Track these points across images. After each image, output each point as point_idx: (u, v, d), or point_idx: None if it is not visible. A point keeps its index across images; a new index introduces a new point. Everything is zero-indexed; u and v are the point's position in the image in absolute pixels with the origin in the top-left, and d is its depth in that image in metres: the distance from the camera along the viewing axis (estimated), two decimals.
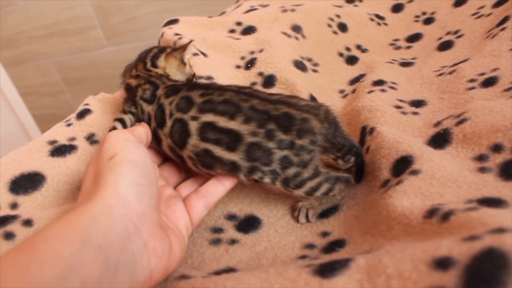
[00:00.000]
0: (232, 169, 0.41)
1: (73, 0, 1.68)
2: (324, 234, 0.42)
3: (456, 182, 0.36)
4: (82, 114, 0.59)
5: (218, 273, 0.38)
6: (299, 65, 0.65)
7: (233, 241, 0.43)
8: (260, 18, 0.77)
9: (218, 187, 0.44)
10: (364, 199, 0.43)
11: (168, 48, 0.53)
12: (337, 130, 0.43)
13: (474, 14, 0.70)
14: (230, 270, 0.38)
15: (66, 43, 1.84)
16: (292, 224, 0.44)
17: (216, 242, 0.42)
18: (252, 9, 0.84)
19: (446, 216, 0.30)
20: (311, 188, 0.42)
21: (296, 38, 0.71)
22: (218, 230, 0.44)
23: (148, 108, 0.46)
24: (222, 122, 0.40)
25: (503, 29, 0.58)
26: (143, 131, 0.43)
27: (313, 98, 0.60)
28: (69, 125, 0.56)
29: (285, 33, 0.71)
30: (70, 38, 1.82)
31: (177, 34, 0.77)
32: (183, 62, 0.52)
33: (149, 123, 0.46)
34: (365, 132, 0.49)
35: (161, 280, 0.35)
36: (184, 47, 0.52)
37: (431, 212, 0.32)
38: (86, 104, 0.62)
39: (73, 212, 0.30)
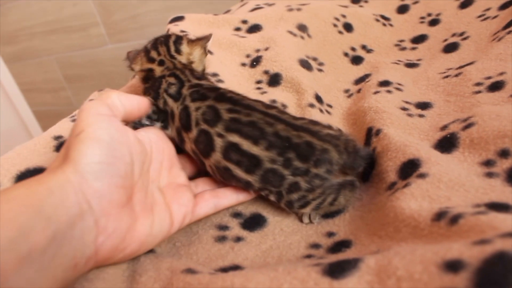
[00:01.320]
0: (245, 185, 0.43)
1: None
2: (330, 234, 0.42)
3: (464, 186, 0.35)
4: None
5: (224, 270, 0.38)
6: (305, 64, 0.65)
7: (238, 239, 0.42)
8: (266, 16, 0.77)
9: (233, 195, 0.45)
10: (370, 200, 0.43)
11: (185, 36, 0.53)
12: (356, 158, 0.43)
13: (480, 16, 0.70)
14: (236, 267, 0.38)
15: (68, 40, 1.84)
16: (297, 224, 0.44)
17: (222, 239, 0.42)
18: (258, 8, 0.84)
19: (455, 219, 0.30)
20: (316, 206, 0.42)
21: (302, 37, 0.71)
22: (223, 227, 0.44)
23: (173, 105, 0.46)
24: (246, 145, 0.41)
25: (509, 32, 0.58)
26: (116, 98, 0.41)
27: (318, 97, 0.60)
28: (74, 120, 0.56)
29: (290, 32, 0.71)
30: (72, 35, 1.82)
31: (183, 31, 0.77)
32: (205, 52, 0.52)
33: (172, 119, 0.46)
34: (371, 133, 0.49)
35: (112, 259, 0.36)
36: (207, 38, 0.52)
37: (440, 215, 0.32)
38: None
39: (36, 181, 0.32)
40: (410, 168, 0.40)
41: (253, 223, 0.45)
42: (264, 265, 0.38)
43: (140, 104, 0.43)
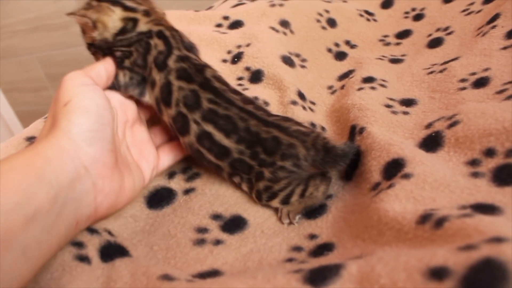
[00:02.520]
0: (216, 168, 0.46)
1: None
2: (312, 236, 0.40)
3: (449, 187, 0.34)
4: None
5: (202, 275, 0.36)
6: (287, 61, 0.64)
7: (217, 242, 0.41)
8: (248, 12, 0.75)
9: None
10: (354, 201, 0.42)
11: None
12: (327, 155, 0.42)
13: (464, 11, 0.69)
14: (214, 272, 0.37)
15: (50, 38, 1.80)
16: (278, 226, 0.43)
17: (200, 242, 0.41)
18: (240, 4, 0.83)
19: (440, 222, 0.29)
20: (284, 197, 0.43)
21: (284, 33, 0.70)
22: (202, 230, 0.42)
23: (156, 75, 0.45)
24: (218, 137, 0.43)
25: (493, 27, 0.57)
26: (102, 68, 0.44)
27: (301, 94, 0.58)
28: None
29: (273, 28, 0.69)
30: (53, 33, 1.78)
31: None
32: None
33: (152, 87, 0.46)
34: (355, 131, 0.48)
35: (108, 215, 0.41)
36: None
37: (424, 218, 0.30)
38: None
39: (32, 150, 0.35)
40: (394, 168, 0.39)
41: (233, 225, 0.43)
42: (244, 269, 0.37)
43: (110, 71, 0.45)
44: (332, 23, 0.74)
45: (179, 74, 0.44)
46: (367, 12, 0.80)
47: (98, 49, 0.47)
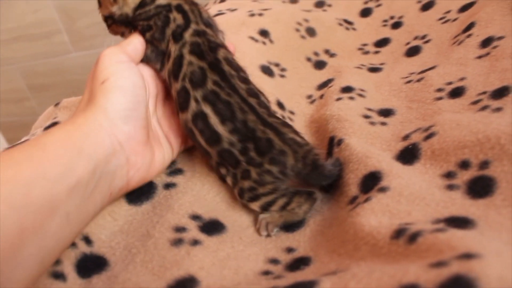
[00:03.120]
0: (205, 155, 0.46)
1: (37, 3, 1.62)
2: (289, 250, 0.40)
3: (424, 200, 0.35)
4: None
5: (178, 284, 0.36)
6: (266, 70, 0.63)
7: (195, 242, 0.40)
8: (227, 22, 0.75)
9: None
10: (331, 215, 0.42)
11: None
12: (314, 171, 0.42)
13: (440, 19, 0.70)
14: (191, 280, 0.36)
15: (31, 48, 1.78)
16: (256, 236, 0.43)
17: (178, 242, 0.40)
18: (220, 14, 0.82)
19: (414, 237, 0.29)
20: (265, 203, 0.42)
21: (264, 43, 0.70)
22: (180, 229, 0.42)
23: (172, 47, 0.45)
24: (213, 120, 0.42)
25: (469, 35, 0.58)
26: (138, 42, 0.46)
27: (280, 104, 0.58)
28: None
29: (252, 38, 0.69)
30: (34, 43, 1.76)
31: None
32: None
33: (167, 60, 0.46)
34: (333, 143, 0.48)
35: (138, 186, 0.44)
36: None
37: (399, 233, 0.30)
38: (55, 118, 0.59)
39: (73, 125, 0.38)
40: (371, 181, 0.39)
41: (212, 228, 0.43)
42: (221, 278, 0.36)
43: (144, 45, 0.46)
44: (311, 32, 0.74)
45: (192, 48, 0.45)
46: (346, 21, 0.80)
47: (118, 23, 0.49)
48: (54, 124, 0.57)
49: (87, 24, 1.61)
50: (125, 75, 0.41)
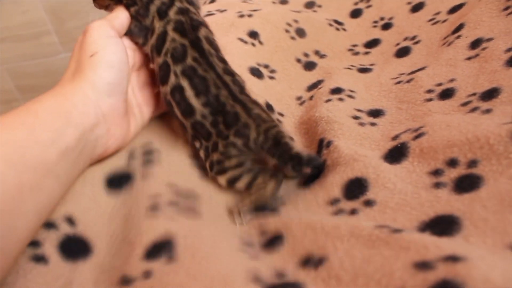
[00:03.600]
0: (181, 126, 0.47)
1: (25, 4, 1.60)
2: (263, 233, 0.40)
3: (410, 205, 0.35)
4: None
5: (156, 247, 0.35)
6: (255, 72, 0.63)
7: (172, 203, 0.40)
8: (217, 23, 0.74)
9: None
10: (306, 209, 0.42)
11: None
12: (277, 147, 0.42)
13: (430, 20, 0.70)
14: (168, 242, 0.35)
15: (19, 49, 1.76)
16: (232, 226, 0.43)
17: (154, 208, 0.40)
18: (209, 14, 0.82)
19: (398, 230, 0.28)
20: (232, 177, 0.44)
21: (253, 44, 0.69)
22: (157, 196, 0.41)
23: (156, 23, 0.47)
24: (188, 93, 0.45)
25: (458, 37, 0.58)
26: (125, 17, 0.48)
27: (269, 106, 0.58)
28: None
29: (241, 39, 0.69)
30: (23, 44, 1.73)
31: None
32: None
33: (150, 35, 0.48)
34: (322, 145, 0.47)
35: (114, 152, 0.45)
36: None
37: (383, 226, 0.30)
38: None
39: (61, 95, 0.40)
40: (357, 188, 0.39)
41: (188, 210, 0.42)
42: (198, 249, 0.35)
43: (128, 19, 0.49)
44: (301, 33, 0.74)
45: (175, 26, 0.47)
46: (336, 21, 0.80)
47: None
48: None
49: (77, 25, 1.59)
50: (113, 50, 0.44)
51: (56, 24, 1.63)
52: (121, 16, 0.48)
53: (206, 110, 0.44)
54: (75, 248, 0.38)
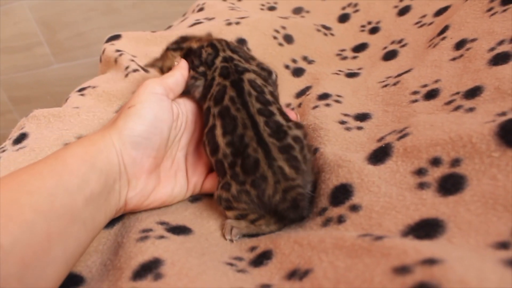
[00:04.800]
0: (211, 165, 0.46)
1: (16, 16, 1.60)
2: (252, 248, 0.40)
3: (395, 208, 0.35)
4: (19, 140, 0.56)
5: (143, 267, 0.35)
6: None
7: (161, 237, 0.40)
8: (205, 31, 0.74)
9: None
10: (298, 223, 0.42)
11: None
12: (294, 210, 0.40)
13: (417, 23, 0.70)
14: (155, 260, 0.36)
15: (12, 60, 1.76)
16: (222, 240, 0.43)
17: (144, 238, 0.40)
18: (197, 23, 0.82)
19: (380, 237, 0.28)
20: (238, 215, 0.43)
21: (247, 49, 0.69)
22: (147, 230, 0.42)
23: (208, 72, 0.49)
24: (218, 131, 0.43)
25: (443, 38, 0.58)
26: (179, 75, 0.49)
27: None
28: (3, 151, 0.54)
29: None
30: (15, 56, 1.74)
31: (118, 51, 0.74)
32: None
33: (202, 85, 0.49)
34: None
35: (136, 210, 0.45)
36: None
37: (366, 235, 0.30)
38: (22, 128, 0.59)
39: (89, 141, 0.41)
40: (342, 194, 0.39)
41: (178, 230, 0.43)
42: (186, 262, 0.35)
43: (186, 76, 0.50)
44: (289, 39, 0.74)
45: (221, 72, 0.48)
46: (324, 26, 0.80)
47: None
48: (22, 135, 0.56)
49: (68, 35, 1.60)
50: (151, 105, 0.44)
51: (47, 35, 1.63)
52: (175, 74, 0.49)
53: (228, 149, 0.42)
54: (68, 282, 0.39)
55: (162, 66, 0.57)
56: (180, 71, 0.50)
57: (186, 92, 0.50)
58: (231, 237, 0.42)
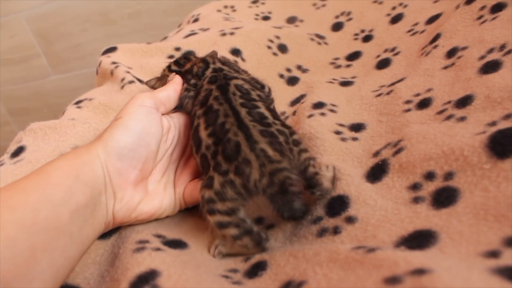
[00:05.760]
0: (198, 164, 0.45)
1: (13, 28, 1.61)
2: (247, 259, 0.41)
3: (390, 221, 0.35)
4: (17, 153, 0.57)
5: (140, 279, 0.36)
6: None
7: (157, 249, 0.40)
8: (199, 42, 0.76)
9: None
10: (293, 231, 0.42)
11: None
12: (282, 196, 0.37)
13: (409, 31, 0.71)
14: (152, 272, 0.36)
15: (10, 72, 1.77)
16: None
17: (140, 249, 0.40)
18: (192, 34, 0.83)
19: (373, 249, 0.29)
20: (220, 222, 0.39)
21: (236, 62, 0.70)
22: (143, 241, 0.42)
23: (198, 82, 0.51)
24: (201, 127, 0.43)
25: (435, 46, 0.59)
26: (172, 90, 0.50)
27: None
28: (2, 165, 0.55)
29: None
30: (13, 68, 1.74)
31: (114, 63, 0.75)
32: None
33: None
34: None
35: (124, 224, 0.44)
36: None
37: (360, 247, 0.31)
38: (19, 142, 0.59)
39: (74, 154, 0.41)
40: (338, 205, 0.40)
41: (174, 244, 0.43)
42: (182, 274, 0.36)
43: (179, 90, 0.51)
44: (283, 48, 0.75)
45: (210, 80, 0.49)
46: (318, 35, 0.81)
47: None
48: (20, 148, 0.57)
49: (65, 46, 1.60)
50: (138, 118, 0.44)
51: (44, 47, 1.64)
52: (167, 89, 0.49)
53: (210, 140, 0.41)
54: None
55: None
56: (173, 86, 0.50)
57: (180, 106, 0.50)
58: (213, 254, 0.42)
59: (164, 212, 0.46)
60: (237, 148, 0.39)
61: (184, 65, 0.57)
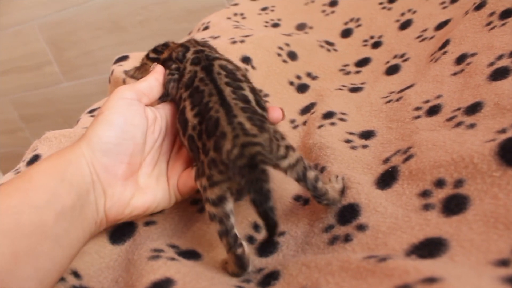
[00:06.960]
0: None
1: (26, 36, 1.64)
2: (260, 270, 0.41)
3: (401, 228, 0.36)
4: (32, 162, 0.57)
5: (155, 286, 0.36)
6: None
7: (172, 259, 0.41)
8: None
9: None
10: (305, 239, 0.43)
11: None
12: (250, 171, 0.34)
13: (418, 37, 0.71)
14: (167, 280, 0.37)
15: (22, 79, 1.80)
16: None
17: (156, 257, 0.40)
18: None
19: (384, 259, 0.30)
20: (209, 214, 0.39)
21: (246, 70, 0.71)
22: (158, 250, 0.42)
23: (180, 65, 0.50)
24: (187, 109, 0.43)
25: (444, 53, 0.59)
26: (153, 79, 0.48)
27: None
28: (17, 173, 0.56)
29: None
30: (25, 75, 1.78)
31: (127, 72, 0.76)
32: None
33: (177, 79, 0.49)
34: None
35: (118, 221, 0.44)
36: None
37: (371, 257, 0.31)
38: (35, 150, 0.61)
39: (57, 154, 0.40)
40: (349, 213, 0.40)
41: (188, 254, 0.44)
42: (197, 283, 0.36)
43: (161, 79, 0.50)
44: (293, 56, 0.76)
45: (192, 61, 0.48)
46: (327, 42, 0.81)
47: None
48: (35, 156, 0.58)
49: (77, 54, 1.63)
50: (119, 111, 0.43)
51: (56, 54, 1.66)
52: (148, 79, 0.48)
53: (195, 120, 0.41)
54: None
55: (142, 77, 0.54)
56: (154, 75, 0.49)
57: (166, 94, 0.49)
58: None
59: (158, 205, 0.45)
60: (216, 123, 0.38)
61: (162, 52, 0.56)
